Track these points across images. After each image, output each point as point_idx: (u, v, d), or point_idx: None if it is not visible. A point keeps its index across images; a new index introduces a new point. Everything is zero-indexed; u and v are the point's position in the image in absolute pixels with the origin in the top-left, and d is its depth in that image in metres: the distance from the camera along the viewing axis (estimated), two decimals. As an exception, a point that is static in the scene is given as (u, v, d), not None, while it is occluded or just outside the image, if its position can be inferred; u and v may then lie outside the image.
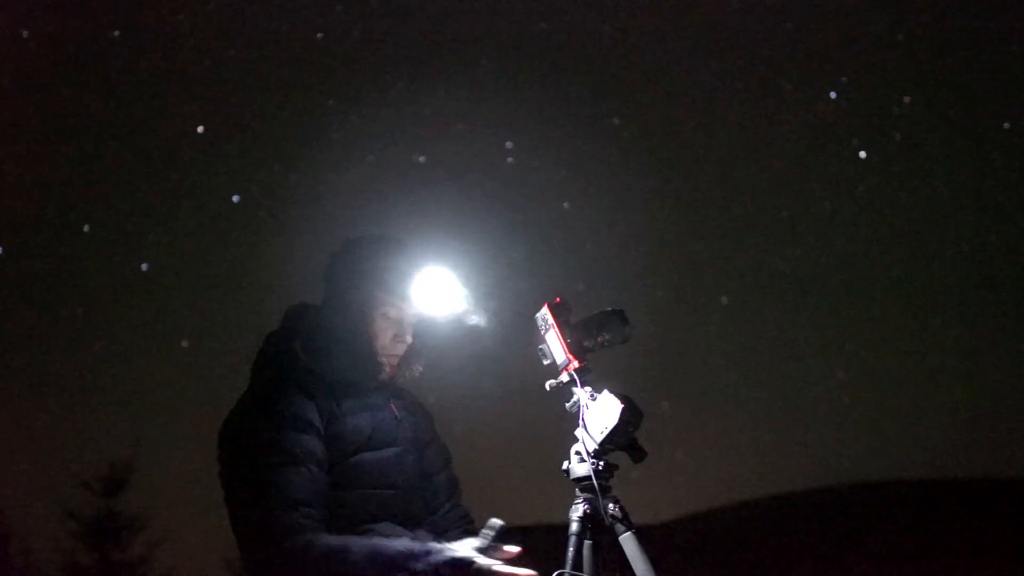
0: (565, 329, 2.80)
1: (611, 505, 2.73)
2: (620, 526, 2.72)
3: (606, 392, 2.72)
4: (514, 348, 2.93)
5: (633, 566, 2.69)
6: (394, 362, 2.87)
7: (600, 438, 2.69)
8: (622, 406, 2.67)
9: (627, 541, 2.71)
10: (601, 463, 2.72)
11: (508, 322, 2.91)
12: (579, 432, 2.75)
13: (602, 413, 2.69)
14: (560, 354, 2.79)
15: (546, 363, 2.82)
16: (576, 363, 2.77)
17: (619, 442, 2.70)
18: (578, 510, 2.73)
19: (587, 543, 2.72)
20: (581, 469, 2.74)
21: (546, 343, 2.82)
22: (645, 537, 2.73)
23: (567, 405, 2.78)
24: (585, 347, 2.81)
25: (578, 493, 2.76)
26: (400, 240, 2.89)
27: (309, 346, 2.82)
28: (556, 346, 2.80)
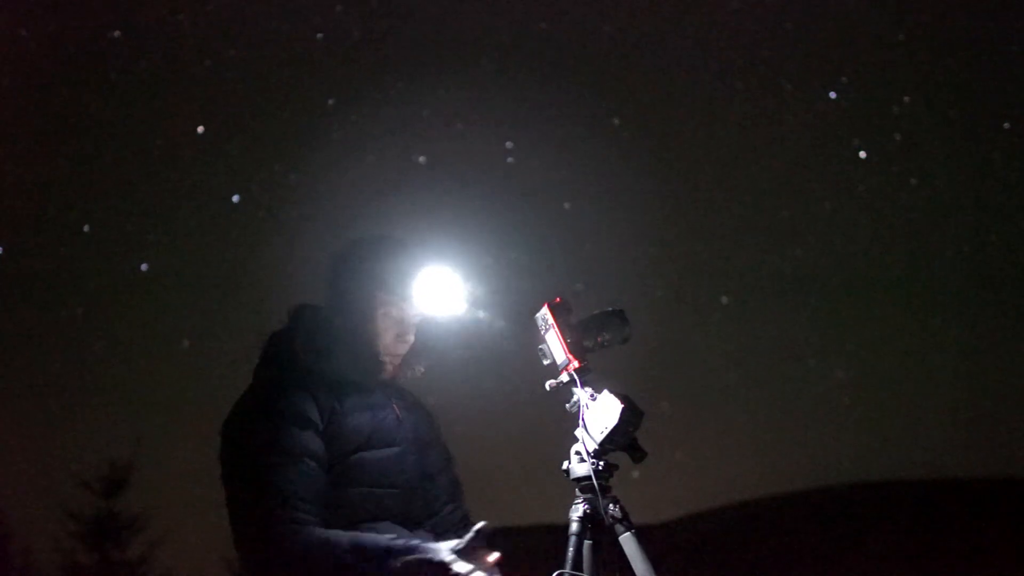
0: (565, 329, 2.80)
1: (611, 505, 2.73)
2: (620, 526, 2.73)
3: (606, 392, 2.72)
4: (514, 348, 2.93)
5: (633, 566, 2.69)
6: (396, 362, 2.88)
7: (600, 438, 2.69)
8: (622, 406, 2.67)
9: (627, 541, 2.71)
10: (601, 463, 2.72)
11: (508, 322, 2.91)
12: (579, 432, 2.75)
13: (602, 413, 2.69)
14: (560, 354, 2.79)
15: (546, 363, 2.82)
16: (576, 363, 2.77)
17: (619, 442, 2.70)
18: (578, 510, 2.73)
19: (587, 543, 2.73)
20: (581, 469, 2.74)
21: (546, 343, 2.82)
22: (645, 537, 2.74)
23: (567, 405, 2.78)
24: (585, 347, 2.81)
25: (578, 493, 2.76)
26: (402, 240, 2.90)
27: (311, 345, 2.83)
28: (556, 346, 2.80)
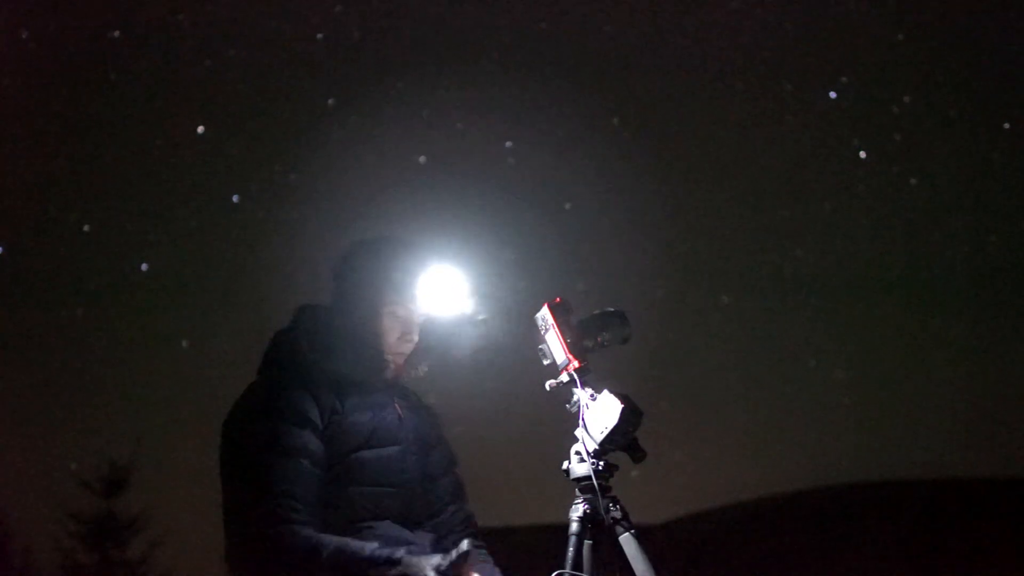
0: (565, 329, 2.80)
1: (611, 505, 2.73)
2: (620, 526, 2.73)
3: (606, 392, 2.72)
4: (515, 348, 2.93)
5: (633, 566, 2.69)
6: (400, 361, 2.88)
7: (600, 438, 2.69)
8: (622, 406, 2.67)
9: (627, 542, 2.71)
10: (601, 463, 2.72)
11: (508, 322, 2.91)
12: (579, 432, 2.75)
13: (602, 413, 2.69)
14: (560, 354, 2.79)
15: (546, 363, 2.82)
16: (576, 363, 2.77)
17: (619, 442, 2.70)
18: (578, 510, 2.73)
19: (587, 543, 2.73)
20: (581, 469, 2.74)
21: (546, 343, 2.82)
22: (645, 537, 2.74)
23: (567, 405, 2.79)
24: (585, 347, 2.81)
25: (578, 493, 2.76)
26: (407, 240, 2.91)
27: (315, 344, 2.83)
28: (556, 346, 2.80)
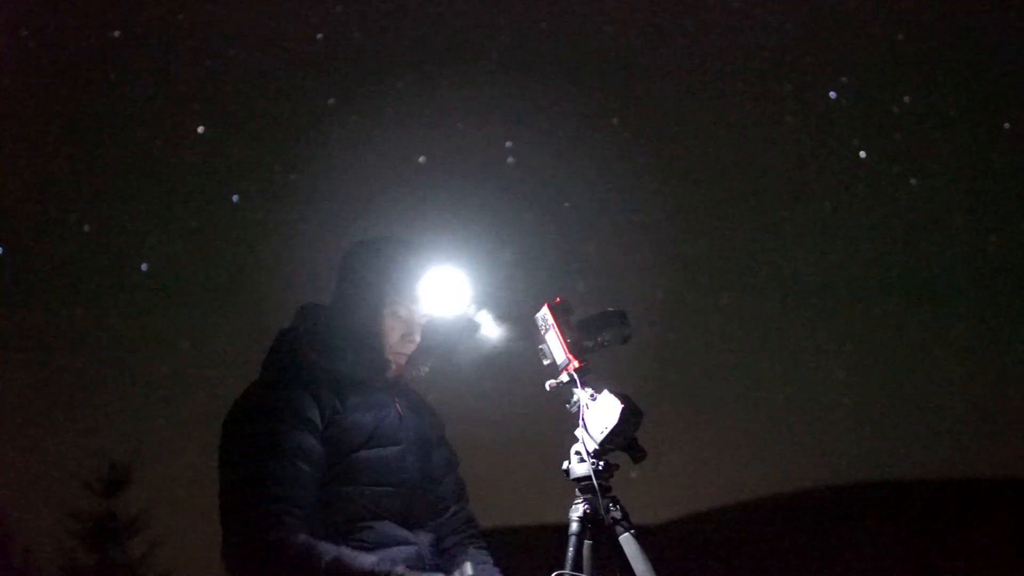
0: (565, 329, 2.80)
1: (611, 505, 2.73)
2: (620, 526, 2.73)
3: (606, 392, 2.72)
4: (515, 348, 2.93)
5: (633, 566, 2.69)
6: (402, 361, 2.88)
7: (600, 438, 2.69)
8: (622, 406, 2.67)
9: (627, 542, 2.71)
10: (601, 463, 2.72)
11: (508, 322, 2.91)
12: (579, 432, 2.75)
13: (602, 413, 2.69)
14: (560, 354, 2.79)
15: (546, 363, 2.82)
16: (576, 363, 2.77)
17: (619, 442, 2.70)
18: (578, 510, 2.74)
19: (587, 543, 2.73)
20: (581, 469, 2.74)
21: (546, 343, 2.82)
22: (645, 537, 2.74)
23: (567, 405, 2.79)
24: (585, 347, 2.81)
25: (578, 493, 2.76)
26: (409, 241, 2.91)
27: (317, 343, 2.83)
28: (556, 346, 2.80)
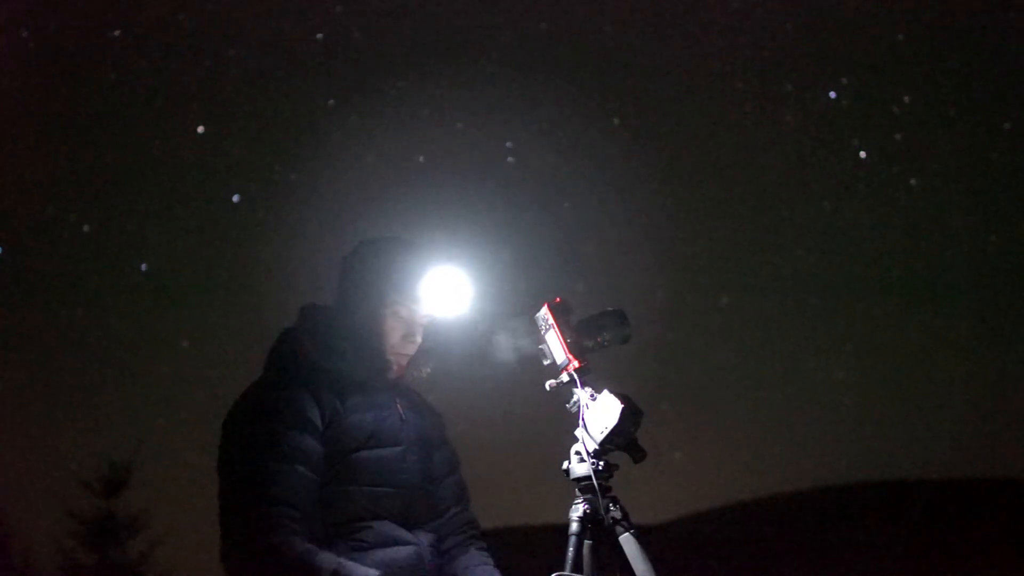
0: (565, 329, 2.80)
1: (611, 505, 2.73)
2: (620, 526, 2.73)
3: (606, 392, 2.72)
4: (515, 348, 2.92)
5: (633, 566, 2.69)
6: (403, 362, 2.88)
7: (600, 438, 2.69)
8: (622, 406, 2.67)
9: (627, 542, 2.71)
10: (601, 463, 2.72)
11: (508, 323, 2.91)
12: (579, 432, 2.75)
13: (602, 413, 2.69)
14: (560, 354, 2.79)
15: (546, 363, 2.82)
16: (576, 363, 2.77)
17: (619, 442, 2.69)
18: (578, 510, 2.73)
19: (587, 543, 2.73)
20: (581, 469, 2.74)
21: (546, 343, 2.82)
22: (645, 537, 2.73)
23: (567, 405, 2.78)
24: (585, 347, 2.81)
25: (578, 493, 2.76)
26: (412, 241, 2.91)
27: (319, 343, 2.83)
28: (556, 346, 2.80)
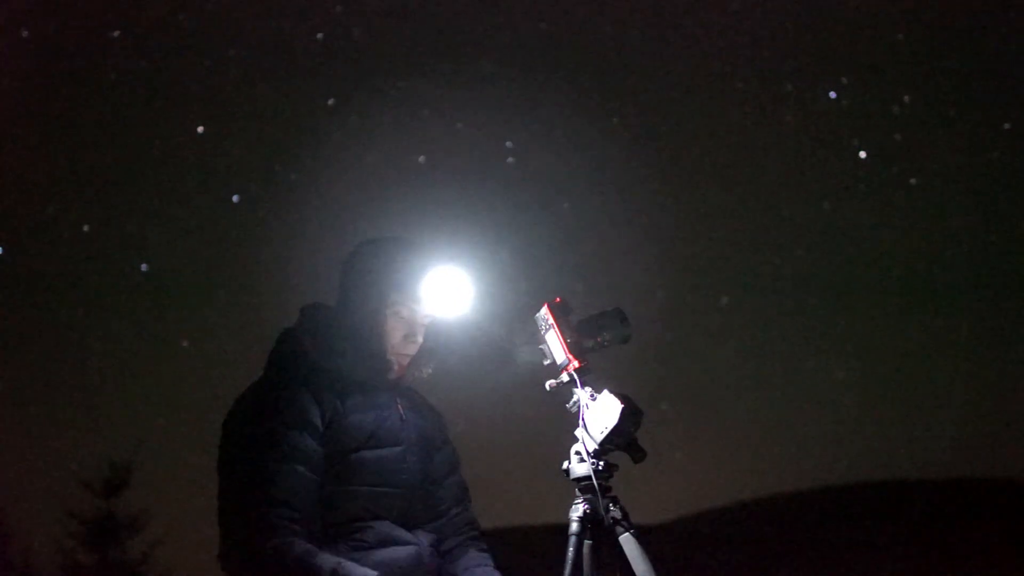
0: (565, 329, 2.80)
1: (611, 505, 2.73)
2: (620, 526, 2.73)
3: (606, 392, 2.71)
4: (515, 348, 2.92)
5: (633, 566, 2.69)
6: (404, 362, 2.88)
7: (600, 438, 2.69)
8: (622, 406, 2.67)
9: (627, 542, 2.71)
10: (601, 463, 2.72)
11: (507, 323, 2.91)
12: (579, 432, 2.75)
13: (602, 413, 2.69)
14: (560, 354, 2.79)
15: (546, 363, 2.82)
16: (576, 363, 2.77)
17: (619, 442, 2.69)
18: (578, 510, 2.73)
19: (587, 543, 2.72)
20: (581, 469, 2.73)
21: (546, 343, 2.82)
22: (645, 537, 2.73)
23: (567, 405, 2.78)
24: (585, 347, 2.81)
25: (578, 493, 2.76)
26: (413, 241, 2.90)
27: (320, 343, 2.83)
28: (556, 346, 2.80)
